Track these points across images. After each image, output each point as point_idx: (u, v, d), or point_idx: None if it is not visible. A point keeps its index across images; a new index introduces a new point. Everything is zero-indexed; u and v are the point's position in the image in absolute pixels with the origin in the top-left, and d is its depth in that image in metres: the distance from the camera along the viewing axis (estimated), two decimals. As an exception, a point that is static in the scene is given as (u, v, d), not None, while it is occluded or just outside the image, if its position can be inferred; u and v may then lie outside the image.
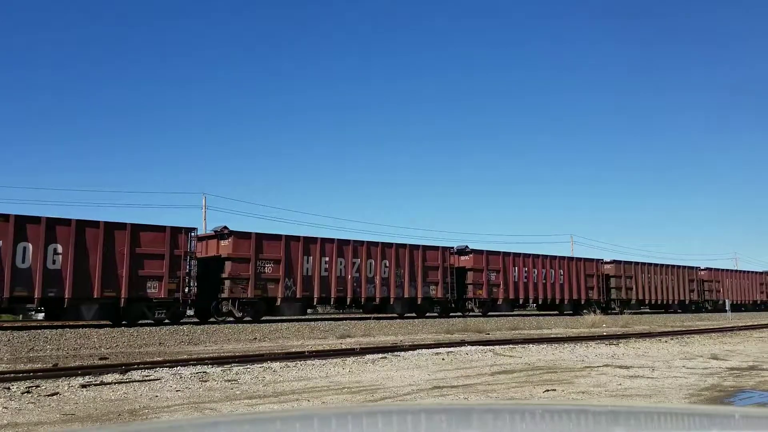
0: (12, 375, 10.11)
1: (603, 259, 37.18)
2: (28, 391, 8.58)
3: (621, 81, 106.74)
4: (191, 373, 10.42)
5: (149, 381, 9.59)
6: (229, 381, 9.73)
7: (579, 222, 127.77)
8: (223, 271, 21.65)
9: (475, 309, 29.61)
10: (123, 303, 18.90)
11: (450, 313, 28.85)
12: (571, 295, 33.77)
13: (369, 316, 26.00)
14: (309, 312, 31.18)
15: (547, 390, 8.82)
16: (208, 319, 22.30)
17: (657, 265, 39.66)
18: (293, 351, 14.64)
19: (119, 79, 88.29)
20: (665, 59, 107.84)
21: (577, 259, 35.40)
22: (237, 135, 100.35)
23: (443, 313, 28.28)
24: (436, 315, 27.88)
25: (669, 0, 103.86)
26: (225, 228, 22.33)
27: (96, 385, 9.12)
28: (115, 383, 9.39)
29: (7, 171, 74.69)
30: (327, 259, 23.89)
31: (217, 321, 21.86)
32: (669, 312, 40.25)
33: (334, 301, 24.41)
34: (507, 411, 2.18)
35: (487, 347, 15.68)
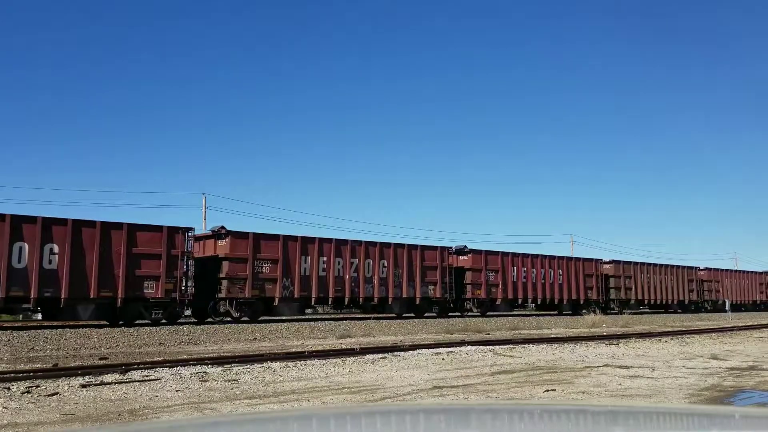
0: (12, 375, 10.11)
1: (602, 259, 37.18)
2: (28, 391, 8.58)
3: (621, 81, 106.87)
4: (191, 373, 10.43)
5: (149, 381, 9.59)
6: (229, 381, 9.73)
7: (579, 222, 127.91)
8: (221, 271, 21.61)
9: (474, 309, 29.57)
10: (120, 303, 18.85)
11: (448, 313, 28.84)
12: (570, 295, 33.76)
13: (369, 316, 25.99)
14: (309, 312, 31.15)
15: (547, 390, 8.82)
16: (205, 320, 22.25)
17: (656, 265, 39.66)
18: (293, 351, 14.64)
19: (119, 79, 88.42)
20: (665, 59, 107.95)
21: (576, 259, 35.37)
22: (237, 135, 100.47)
23: (442, 313, 28.27)
24: (434, 315, 27.86)
25: (669, 0, 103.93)
26: (222, 228, 22.32)
27: (96, 385, 9.12)
28: (115, 383, 9.39)
29: (7, 171, 74.80)
30: (325, 259, 23.88)
31: (215, 321, 21.81)
32: (669, 312, 40.25)
33: (332, 301, 24.39)
34: (507, 411, 2.18)
35: (487, 347, 15.68)
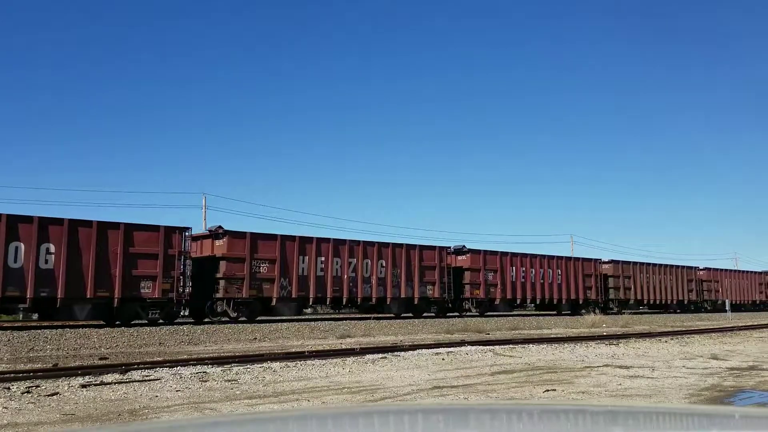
0: (12, 375, 10.11)
1: (601, 259, 37.16)
2: (28, 391, 8.58)
3: (621, 81, 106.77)
4: (191, 373, 10.43)
5: (149, 381, 9.59)
6: (229, 381, 9.73)
7: (579, 222, 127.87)
8: (218, 271, 21.53)
9: (473, 309, 29.48)
10: (116, 303, 18.78)
11: (447, 314, 28.77)
12: (569, 295, 33.71)
13: (369, 316, 25.98)
14: (309, 312, 31.14)
15: (547, 390, 8.82)
16: (203, 320, 22.15)
17: (655, 265, 39.63)
18: (293, 351, 14.64)
19: (119, 79, 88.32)
20: (665, 59, 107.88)
21: (575, 259, 35.34)
22: (237, 135, 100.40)
23: (440, 313, 28.19)
24: (433, 315, 27.78)
25: (669, 0, 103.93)
26: (220, 228, 22.27)
27: (96, 385, 9.12)
28: (115, 383, 9.39)
29: (7, 171, 74.73)
30: (323, 259, 23.82)
31: (212, 321, 21.71)
32: (668, 312, 40.25)
33: (330, 301, 24.32)
34: (506, 411, 2.18)
35: (487, 347, 15.68)
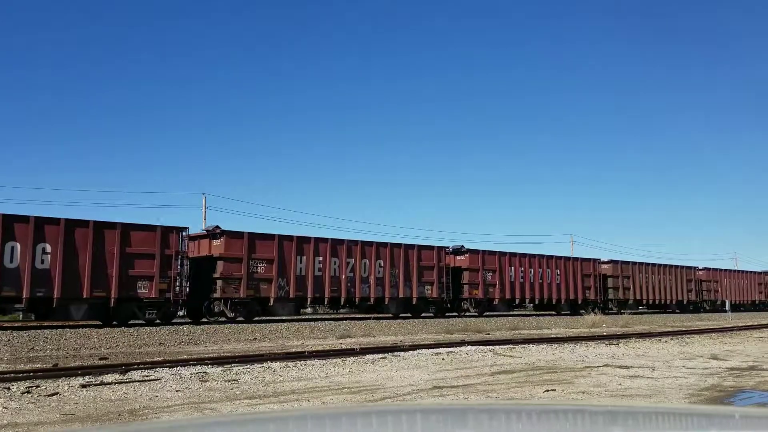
0: (12, 375, 10.11)
1: (600, 259, 37.10)
2: (28, 391, 8.58)
3: (621, 81, 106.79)
4: (191, 373, 10.43)
5: (149, 381, 9.59)
6: (229, 381, 9.73)
7: (579, 222, 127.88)
8: (215, 271, 21.47)
9: (471, 309, 29.41)
10: (113, 303, 18.75)
11: (445, 314, 28.67)
12: (568, 295, 33.68)
13: (369, 316, 25.95)
14: (309, 312, 31.11)
15: (547, 390, 8.82)
16: (200, 320, 22.08)
17: (654, 265, 39.61)
18: (293, 351, 14.64)
19: (119, 79, 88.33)
20: (665, 59, 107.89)
21: (574, 259, 35.31)
22: (237, 135, 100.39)
23: (439, 313, 28.07)
24: (431, 315, 27.65)
25: (669, 0, 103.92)
26: (217, 227, 22.21)
27: (96, 385, 9.12)
28: (115, 383, 9.39)
29: (7, 171, 74.72)
30: (321, 259, 23.75)
31: (209, 321, 21.64)
32: (667, 312, 40.22)
33: (327, 301, 24.25)
34: (506, 411, 2.19)
35: (487, 347, 15.68)
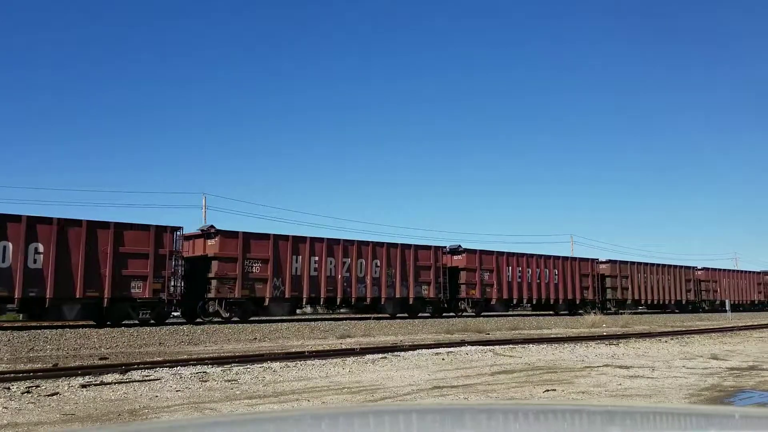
0: (12, 375, 10.11)
1: (598, 259, 36.97)
2: (28, 391, 8.58)
3: (621, 81, 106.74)
4: (191, 373, 10.43)
5: (149, 381, 9.59)
6: (229, 381, 9.73)
7: (579, 222, 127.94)
8: (210, 271, 21.34)
9: (468, 309, 29.25)
10: (106, 303, 18.62)
11: (443, 314, 28.51)
12: (566, 295, 33.57)
13: (369, 316, 25.91)
14: (309, 312, 31.10)
15: (547, 390, 8.82)
16: (194, 320, 21.95)
17: (653, 265, 39.54)
18: (293, 351, 14.64)
19: (119, 79, 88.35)
20: (665, 59, 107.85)
21: (572, 259, 35.20)
22: (237, 135, 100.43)
23: (436, 314, 27.93)
24: (428, 315, 27.51)
25: (669, 0, 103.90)
26: (212, 227, 22.11)
27: (96, 385, 9.12)
28: (115, 383, 9.39)
29: (7, 171, 74.76)
30: (317, 259, 23.63)
31: (204, 321, 21.53)
32: (666, 312, 40.17)
33: (323, 301, 24.11)
34: (506, 411, 2.19)
35: (487, 347, 15.68)
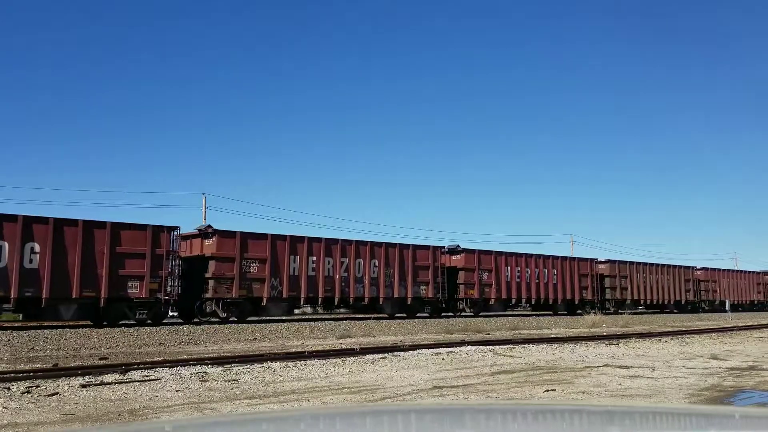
0: (12, 375, 10.11)
1: (597, 259, 36.91)
2: (28, 391, 8.58)
3: (621, 81, 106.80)
4: (191, 373, 10.43)
5: (149, 381, 9.59)
6: (229, 381, 9.73)
7: (579, 222, 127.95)
8: (207, 271, 21.30)
9: (467, 309, 29.18)
10: (103, 303, 18.58)
11: (441, 314, 28.43)
12: (565, 295, 33.53)
13: (369, 316, 25.89)
14: (309, 312, 31.08)
15: (547, 390, 8.82)
16: (192, 320, 21.90)
17: (652, 265, 39.50)
18: (293, 351, 14.64)
19: (119, 79, 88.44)
20: (665, 59, 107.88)
21: (571, 259, 35.15)
22: (237, 135, 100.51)
23: (434, 314, 27.84)
24: (426, 315, 27.43)
25: (669, 0, 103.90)
26: (209, 227, 22.08)
27: (96, 385, 9.12)
28: (115, 383, 9.39)
29: (7, 171, 74.81)
30: (314, 259, 23.60)
31: (201, 321, 21.50)
32: (665, 312, 40.13)
33: (321, 301, 24.05)
34: (506, 411, 2.19)
35: (487, 347, 15.68)
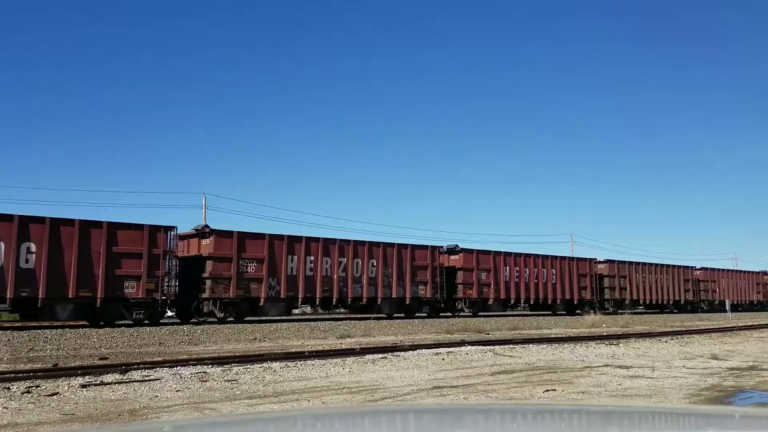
0: (12, 375, 10.11)
1: (596, 259, 36.81)
2: (28, 391, 8.58)
3: (621, 81, 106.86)
4: (191, 373, 10.43)
5: (149, 381, 9.59)
6: (229, 381, 9.73)
7: (579, 222, 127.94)
8: (205, 271, 21.26)
9: (466, 309, 29.11)
10: (99, 303, 18.54)
11: (440, 314, 28.38)
12: (564, 295, 33.47)
13: (369, 316, 25.88)
14: (308, 312, 31.06)
15: (547, 390, 8.82)
16: (189, 320, 21.88)
17: (651, 265, 39.44)
18: (293, 351, 14.64)
19: (119, 79, 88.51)
20: (665, 59, 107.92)
21: (570, 259, 35.07)
22: (237, 135, 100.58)
23: (432, 314, 27.79)
24: (425, 315, 27.38)
25: (669, 0, 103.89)
26: (206, 227, 22.06)
27: (96, 385, 9.12)
28: (115, 383, 9.39)
29: (7, 171, 74.84)
30: (312, 259, 23.55)
31: (198, 321, 21.48)
32: (665, 312, 40.10)
33: (319, 301, 24.00)
34: (506, 411, 2.19)
35: (487, 347, 15.68)
